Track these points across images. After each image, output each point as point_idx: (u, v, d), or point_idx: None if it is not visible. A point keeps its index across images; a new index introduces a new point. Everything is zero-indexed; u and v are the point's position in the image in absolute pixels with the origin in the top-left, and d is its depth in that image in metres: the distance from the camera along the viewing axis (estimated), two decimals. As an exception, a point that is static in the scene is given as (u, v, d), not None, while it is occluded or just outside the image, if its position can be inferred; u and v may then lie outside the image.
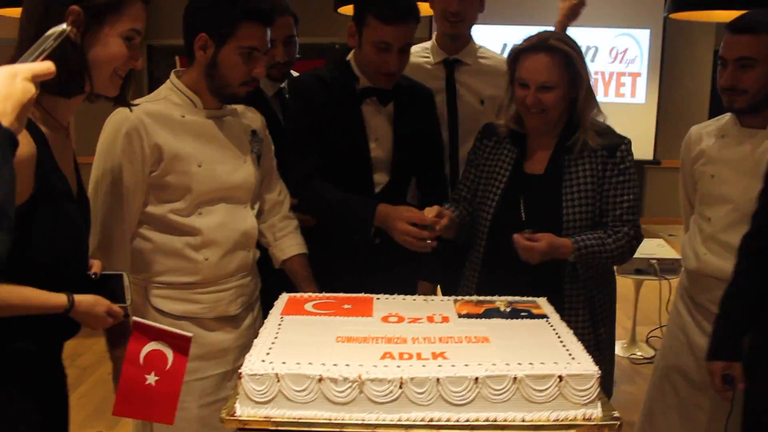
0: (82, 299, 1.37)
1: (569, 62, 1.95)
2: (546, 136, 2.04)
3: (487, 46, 2.61)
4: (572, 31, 2.46)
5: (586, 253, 1.89)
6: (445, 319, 1.55)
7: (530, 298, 1.71)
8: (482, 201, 2.09)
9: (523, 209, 1.99)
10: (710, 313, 1.97)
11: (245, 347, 1.85)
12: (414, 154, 2.23)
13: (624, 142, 2.01)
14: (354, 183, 2.13)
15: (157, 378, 1.47)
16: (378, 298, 1.70)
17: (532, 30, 2.11)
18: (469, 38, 2.51)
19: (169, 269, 1.82)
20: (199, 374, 1.85)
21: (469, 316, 1.58)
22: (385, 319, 1.54)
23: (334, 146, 2.14)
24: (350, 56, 2.20)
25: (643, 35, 7.55)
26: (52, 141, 1.34)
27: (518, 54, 1.99)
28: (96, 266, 1.50)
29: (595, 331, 1.97)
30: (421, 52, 2.52)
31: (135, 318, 1.53)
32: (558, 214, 1.95)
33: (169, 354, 1.50)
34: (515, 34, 2.35)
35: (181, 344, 1.50)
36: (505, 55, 2.17)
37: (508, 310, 1.62)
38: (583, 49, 2.26)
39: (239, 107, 1.98)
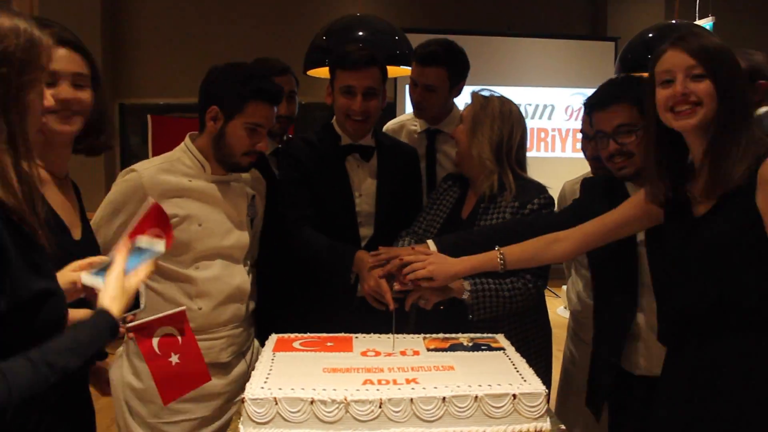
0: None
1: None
2: (481, 182, 2.24)
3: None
4: (530, 91, 2.80)
5: (481, 291, 2.05)
6: (416, 353, 1.79)
7: (490, 335, 1.96)
8: (425, 235, 2.30)
9: None
10: None
11: (234, 393, 2.06)
12: (397, 208, 2.45)
13: (540, 196, 2.21)
14: (342, 236, 2.35)
15: (178, 355, 1.61)
16: (356, 337, 1.93)
17: (517, 90, 2.41)
18: (451, 107, 2.80)
19: None
20: (184, 416, 2.03)
21: (436, 349, 1.82)
22: (364, 354, 1.77)
23: (322, 201, 2.38)
24: (333, 120, 2.48)
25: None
26: (50, 191, 1.54)
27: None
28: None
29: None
30: (411, 120, 2.83)
31: (129, 325, 1.56)
32: None
33: (175, 332, 1.63)
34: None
35: (179, 319, 1.63)
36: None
37: (471, 344, 1.87)
38: (540, 107, 2.59)
39: (245, 174, 2.21)
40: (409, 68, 2.85)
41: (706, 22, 6.59)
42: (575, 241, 1.95)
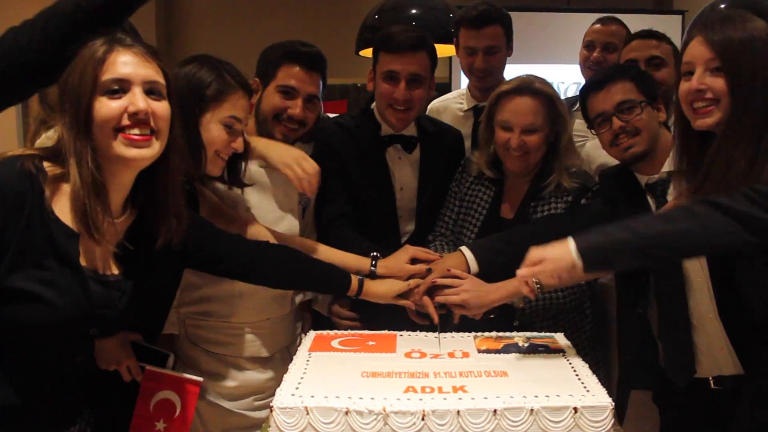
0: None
1: (552, 105, 2.02)
2: (522, 178, 2.10)
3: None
4: (542, 69, 2.60)
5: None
6: (466, 355, 1.62)
7: (548, 334, 1.78)
8: (459, 237, 2.16)
9: None
10: None
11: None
12: (440, 201, 2.27)
13: (592, 189, 2.06)
14: (381, 232, 2.19)
15: (165, 425, 1.55)
16: (401, 335, 1.78)
17: (561, 68, 2.21)
18: (502, 81, 2.61)
19: (208, 300, 1.90)
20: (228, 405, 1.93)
21: (488, 351, 1.65)
22: (408, 355, 1.62)
23: (360, 196, 2.20)
24: (373, 105, 2.30)
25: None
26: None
27: (500, 97, 2.05)
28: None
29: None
30: (456, 99, 2.64)
31: (148, 367, 1.59)
32: None
33: (178, 402, 1.57)
34: (544, 73, 2.45)
35: (191, 389, 1.58)
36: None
37: (526, 345, 1.69)
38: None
39: None
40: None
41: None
42: None
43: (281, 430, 1.31)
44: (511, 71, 2.50)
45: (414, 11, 3.60)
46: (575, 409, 1.31)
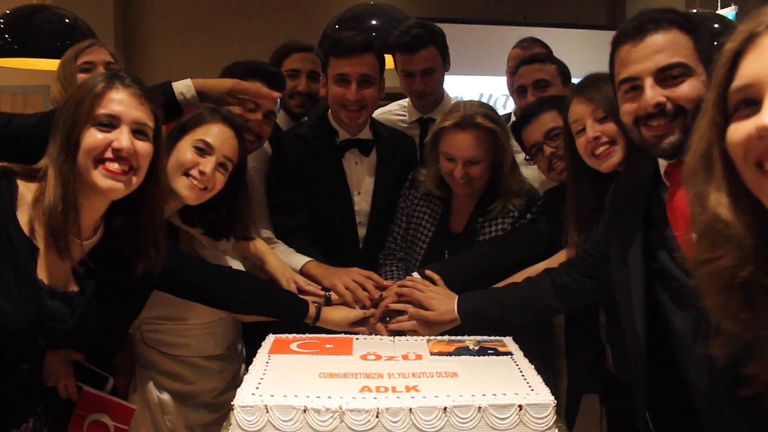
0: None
1: (494, 137, 2.12)
2: (468, 198, 2.21)
3: (464, 97, 2.82)
4: (499, 80, 2.71)
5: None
6: (419, 357, 1.70)
7: (497, 338, 1.86)
8: (409, 251, 2.26)
9: None
10: None
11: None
12: (395, 204, 2.36)
13: (537, 203, 2.18)
14: (341, 237, 2.27)
15: None
16: (357, 338, 1.85)
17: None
18: (442, 95, 2.71)
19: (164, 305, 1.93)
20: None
21: (440, 354, 1.73)
22: (363, 357, 1.69)
23: (320, 203, 2.28)
24: (329, 113, 2.38)
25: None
26: None
27: (442, 130, 2.14)
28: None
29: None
30: (398, 110, 2.72)
31: (86, 388, 1.65)
32: None
33: (111, 426, 1.65)
34: (491, 85, 2.56)
35: (125, 415, 1.68)
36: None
37: (477, 348, 1.77)
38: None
39: None
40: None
41: (729, 12, 6.41)
42: None
43: (242, 428, 1.37)
44: (471, 82, 2.61)
45: (374, 22, 3.64)
46: (520, 406, 1.39)
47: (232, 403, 1.39)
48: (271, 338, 1.82)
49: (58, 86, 2.33)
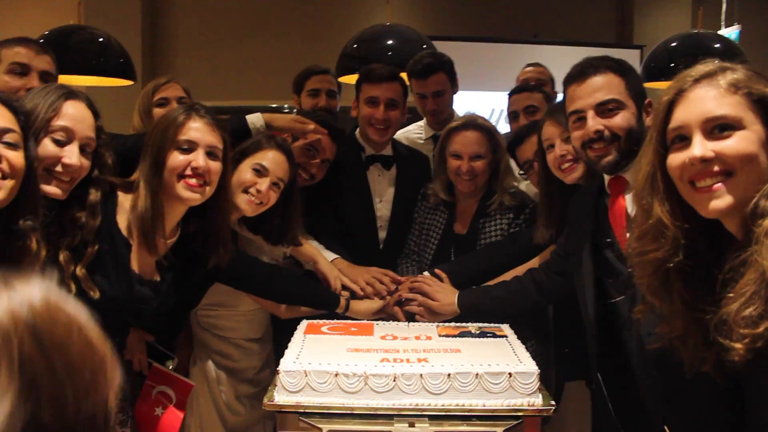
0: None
1: (492, 137, 2.47)
2: (471, 198, 2.54)
3: (476, 112, 3.16)
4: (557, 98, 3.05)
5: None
6: (429, 338, 2.04)
7: (496, 324, 2.19)
8: (421, 253, 2.60)
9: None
10: None
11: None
12: (411, 211, 2.72)
13: (529, 206, 2.51)
14: (363, 238, 2.62)
15: (163, 411, 1.97)
16: (377, 324, 2.19)
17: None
18: (452, 114, 3.06)
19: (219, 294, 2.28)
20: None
21: (447, 336, 2.06)
22: (383, 338, 2.02)
23: (345, 208, 2.64)
24: (357, 132, 2.74)
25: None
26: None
27: (450, 131, 2.50)
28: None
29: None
30: (416, 129, 3.08)
31: (155, 364, 2.01)
32: None
33: (173, 396, 2.00)
34: (503, 101, 2.89)
35: (184, 388, 2.02)
36: (492, 119, 2.72)
37: (478, 332, 2.11)
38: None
39: None
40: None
41: (732, 31, 6.66)
42: None
43: (286, 389, 1.71)
44: (483, 98, 2.98)
45: (390, 42, 3.84)
46: (510, 374, 1.72)
47: (278, 369, 1.73)
48: (305, 323, 2.16)
49: (137, 116, 2.69)
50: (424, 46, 3.94)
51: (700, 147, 1.18)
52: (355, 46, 4.00)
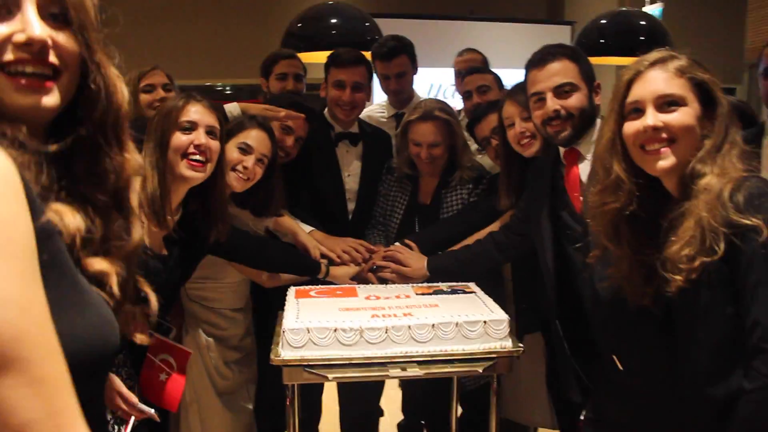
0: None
1: (449, 126, 2.73)
2: (432, 175, 2.81)
3: (416, 88, 3.42)
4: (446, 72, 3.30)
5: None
6: (407, 296, 2.29)
7: (464, 283, 2.46)
8: (387, 223, 2.85)
9: (417, 228, 2.81)
10: None
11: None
12: (376, 184, 2.96)
13: (486, 177, 2.78)
14: (333, 210, 2.84)
15: (167, 377, 2.11)
16: (359, 287, 2.42)
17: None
18: (412, 94, 3.30)
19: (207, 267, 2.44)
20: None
21: (423, 294, 2.32)
22: (367, 298, 2.26)
23: (316, 182, 2.86)
24: (325, 111, 2.95)
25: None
26: None
27: (410, 123, 2.75)
28: None
29: None
30: (378, 109, 3.30)
31: (156, 334, 2.16)
32: None
33: (174, 363, 2.15)
34: (440, 76, 3.13)
35: (183, 356, 2.19)
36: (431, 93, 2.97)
37: (449, 290, 2.37)
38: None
39: None
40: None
41: (655, 8, 7.07)
42: None
43: (291, 345, 1.93)
44: (422, 74, 3.23)
45: (334, 20, 3.93)
46: (485, 322, 1.99)
47: (282, 329, 1.95)
48: (293, 289, 2.38)
49: None
50: (367, 24, 4.11)
51: (652, 117, 1.47)
52: (299, 24, 4.08)
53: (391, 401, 3.42)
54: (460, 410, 2.83)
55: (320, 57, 3.25)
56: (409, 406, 3.31)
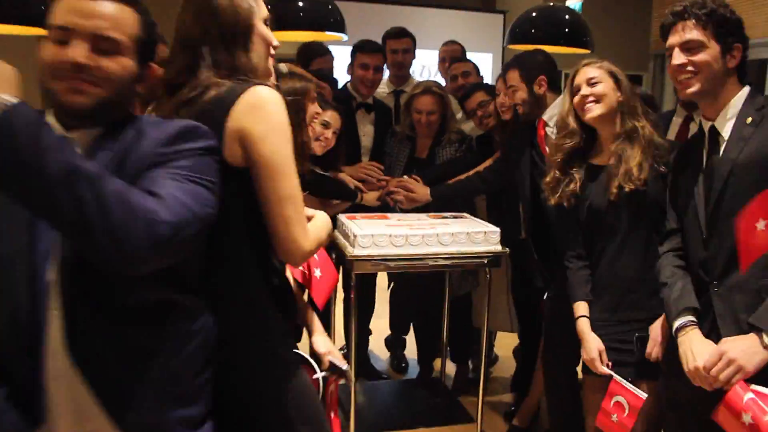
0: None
1: (442, 99, 3.72)
2: (428, 137, 3.79)
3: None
4: (430, 54, 4.29)
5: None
6: (425, 220, 3.27)
7: (461, 213, 3.46)
8: (392, 173, 3.79)
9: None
10: None
11: None
12: (382, 143, 3.94)
13: (467, 139, 3.79)
14: (351, 162, 3.79)
15: (321, 274, 2.20)
16: (389, 215, 3.40)
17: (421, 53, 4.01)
18: (408, 75, 4.27)
19: None
20: None
21: (435, 219, 3.31)
22: (399, 220, 3.23)
23: (343, 140, 3.80)
24: (348, 85, 3.89)
25: (486, 59, 9.57)
26: None
27: (413, 96, 3.73)
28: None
29: None
30: (382, 87, 4.25)
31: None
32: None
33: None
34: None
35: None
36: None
37: (452, 216, 3.37)
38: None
39: None
40: (340, 35, 3.88)
41: (576, 2, 8.13)
42: None
43: (360, 246, 2.88)
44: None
45: (301, 3, 4.07)
46: (485, 232, 3.02)
47: (355, 235, 2.89)
48: (342, 216, 3.30)
49: None
50: (330, 7, 4.84)
51: (586, 89, 2.45)
52: (268, 7, 4.79)
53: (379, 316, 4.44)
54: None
55: (287, 36, 3.86)
56: (394, 322, 4.36)
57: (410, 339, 4.36)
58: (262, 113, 1.49)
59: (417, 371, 4.17)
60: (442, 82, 4.33)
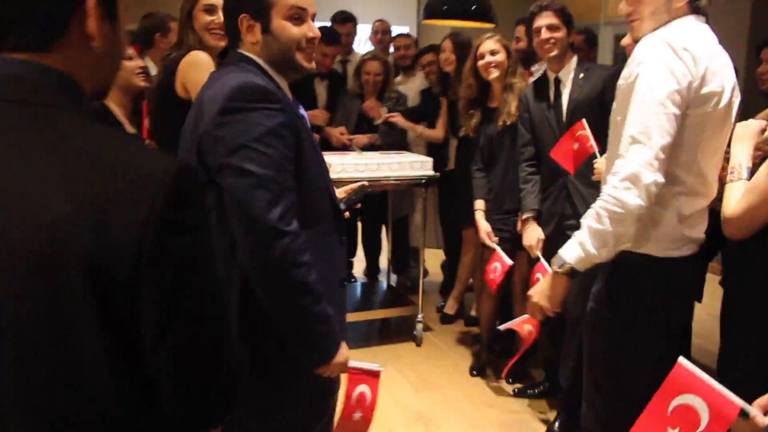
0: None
1: (386, 64, 4.81)
2: (373, 94, 4.79)
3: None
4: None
5: None
6: (376, 154, 4.40)
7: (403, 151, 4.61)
8: (345, 124, 4.85)
9: None
10: None
11: None
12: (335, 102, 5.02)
13: (402, 98, 4.98)
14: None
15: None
16: (350, 152, 4.51)
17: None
18: (352, 50, 5.36)
19: None
20: None
21: (383, 154, 4.44)
22: (358, 154, 4.35)
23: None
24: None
25: (404, 31, 10.22)
26: None
27: (363, 61, 4.78)
28: None
29: None
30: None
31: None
32: None
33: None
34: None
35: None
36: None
37: (397, 153, 4.52)
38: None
39: None
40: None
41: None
42: None
43: (335, 171, 3.98)
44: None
45: None
46: (421, 162, 4.18)
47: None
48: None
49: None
50: None
51: (489, 58, 3.58)
52: None
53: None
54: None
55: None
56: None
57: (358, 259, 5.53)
58: None
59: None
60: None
